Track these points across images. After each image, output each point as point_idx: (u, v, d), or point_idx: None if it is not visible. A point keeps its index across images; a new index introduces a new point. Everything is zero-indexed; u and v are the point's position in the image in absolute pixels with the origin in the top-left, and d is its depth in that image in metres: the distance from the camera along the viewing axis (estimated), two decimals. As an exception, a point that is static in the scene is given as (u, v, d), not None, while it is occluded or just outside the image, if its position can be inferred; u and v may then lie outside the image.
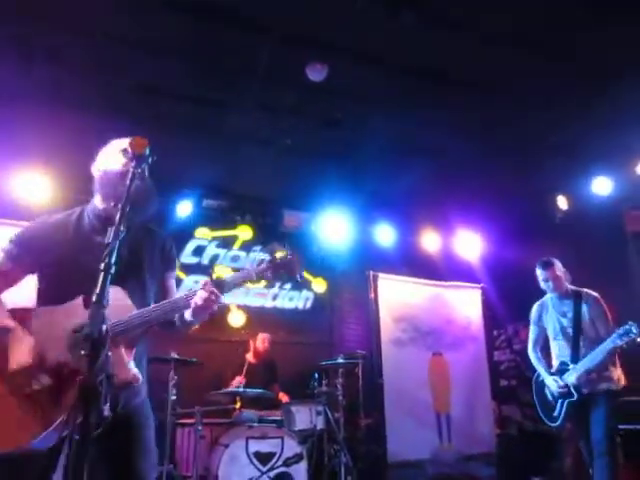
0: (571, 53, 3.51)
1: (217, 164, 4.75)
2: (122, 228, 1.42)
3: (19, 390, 1.53)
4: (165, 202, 4.94)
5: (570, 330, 3.43)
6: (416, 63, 3.72)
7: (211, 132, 4.51)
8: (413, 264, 6.04)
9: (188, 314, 1.71)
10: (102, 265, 1.30)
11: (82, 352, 1.20)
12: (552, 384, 3.41)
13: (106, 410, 1.34)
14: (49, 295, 1.68)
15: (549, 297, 3.57)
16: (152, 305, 1.67)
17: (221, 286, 1.66)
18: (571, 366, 3.33)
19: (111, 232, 1.39)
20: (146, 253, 1.83)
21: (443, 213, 5.87)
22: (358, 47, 3.56)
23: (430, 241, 6.12)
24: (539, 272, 3.55)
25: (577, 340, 3.40)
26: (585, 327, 3.40)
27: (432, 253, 6.14)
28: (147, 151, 1.60)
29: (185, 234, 5.38)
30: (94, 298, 1.23)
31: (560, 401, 3.38)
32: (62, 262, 1.68)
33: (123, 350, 1.59)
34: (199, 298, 1.61)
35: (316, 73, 3.76)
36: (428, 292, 6.04)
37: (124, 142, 1.83)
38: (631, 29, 3.28)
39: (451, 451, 5.32)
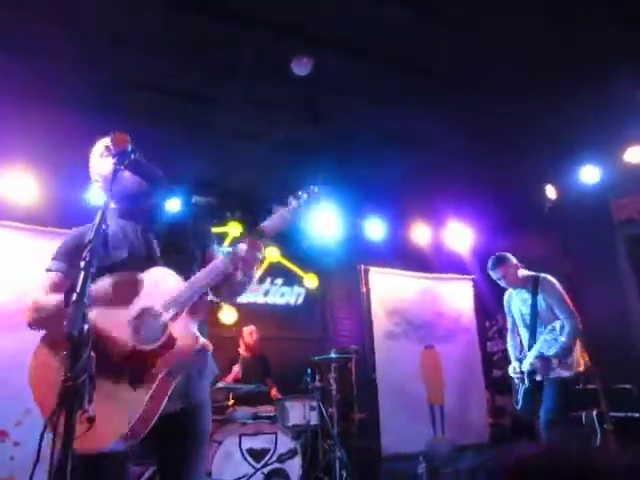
0: (555, 41, 3.50)
1: (206, 160, 4.71)
2: (103, 226, 1.41)
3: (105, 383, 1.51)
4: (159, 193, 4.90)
5: (528, 317, 3.52)
6: (401, 56, 3.70)
7: (199, 128, 4.46)
8: (404, 257, 6.04)
9: (239, 273, 1.70)
10: (82, 264, 1.28)
11: (63, 352, 1.18)
12: (510, 370, 3.56)
13: (91, 410, 1.35)
14: (97, 297, 1.64)
15: None
16: (197, 274, 1.67)
17: (260, 235, 1.69)
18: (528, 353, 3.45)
19: (92, 231, 1.38)
20: (179, 240, 1.83)
21: (433, 205, 5.88)
22: (345, 40, 3.54)
23: (420, 234, 6.12)
24: (490, 273, 3.65)
25: (534, 327, 3.47)
26: (542, 314, 3.46)
27: (423, 246, 6.15)
28: (129, 147, 1.59)
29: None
30: (74, 297, 1.20)
31: (519, 387, 3.50)
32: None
33: (186, 321, 1.60)
34: (241, 251, 1.64)
35: (301, 67, 3.73)
36: (419, 285, 6.05)
37: (105, 141, 1.82)
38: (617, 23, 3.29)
39: (445, 442, 5.35)
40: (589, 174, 5.01)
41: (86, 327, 1.19)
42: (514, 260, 3.66)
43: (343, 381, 4.68)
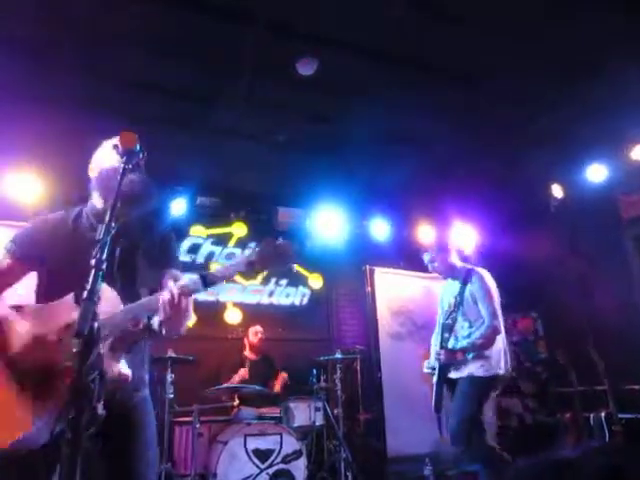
0: (558, 37, 3.48)
1: (210, 161, 4.72)
2: (113, 224, 1.41)
3: (8, 384, 1.51)
4: (159, 200, 4.91)
5: (452, 311, 3.36)
6: (404, 55, 3.69)
7: (203, 129, 4.47)
8: (409, 257, 6.02)
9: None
10: (93, 261, 1.28)
11: (74, 350, 1.17)
12: (425, 364, 3.43)
13: (100, 408, 1.33)
14: (47, 293, 1.68)
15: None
16: (122, 308, 1.57)
17: (206, 281, 1.55)
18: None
19: (102, 228, 1.37)
20: (141, 251, 1.79)
21: (437, 205, 5.86)
22: (349, 39, 3.53)
23: (425, 234, 6.10)
24: (424, 256, 3.55)
25: (455, 320, 3.31)
26: (466, 308, 3.28)
27: (427, 246, 6.11)
28: (137, 146, 1.58)
29: (180, 232, 5.34)
30: (85, 295, 1.20)
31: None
32: (60, 260, 1.68)
33: (112, 345, 1.55)
34: (162, 298, 1.50)
35: (306, 67, 3.73)
36: (423, 285, 6.02)
37: (113, 140, 1.82)
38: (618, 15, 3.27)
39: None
40: (596, 172, 4.97)
41: (96, 325, 1.19)
42: (453, 249, 3.52)
43: (348, 382, 4.66)
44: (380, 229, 5.85)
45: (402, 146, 4.81)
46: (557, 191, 5.28)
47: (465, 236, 6.19)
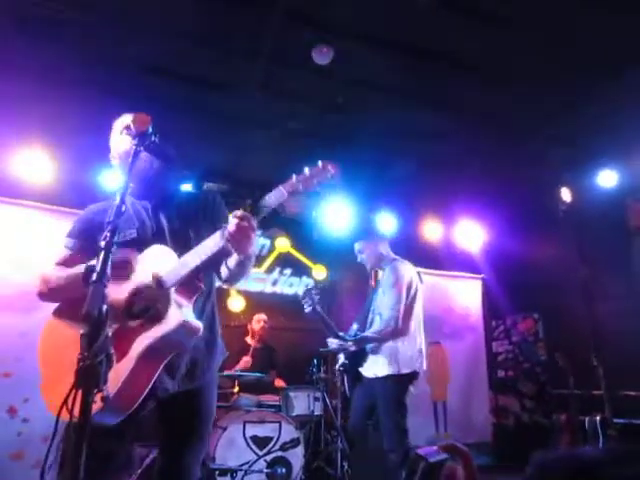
0: (573, 39, 3.44)
1: (218, 147, 4.72)
2: (123, 206, 1.42)
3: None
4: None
5: (367, 304, 3.25)
6: (419, 46, 3.65)
7: (212, 114, 4.45)
8: (413, 252, 6.00)
9: (234, 252, 1.65)
10: (102, 243, 1.28)
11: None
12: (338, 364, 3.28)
13: (105, 390, 1.36)
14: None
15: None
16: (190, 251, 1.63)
17: (255, 210, 1.63)
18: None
19: (112, 210, 1.38)
20: (195, 216, 1.84)
21: (445, 202, 5.84)
22: (365, 30, 3.50)
23: (431, 230, 6.09)
24: (355, 245, 3.40)
25: (367, 314, 3.19)
26: (377, 301, 3.15)
27: (433, 242, 6.11)
28: (150, 128, 1.59)
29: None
30: (94, 276, 1.21)
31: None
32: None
33: (176, 298, 1.58)
34: (231, 225, 1.56)
35: (322, 56, 3.70)
36: (428, 281, 5.99)
37: (124, 120, 1.84)
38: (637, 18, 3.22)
39: (447, 440, 5.35)
40: (606, 178, 4.94)
41: (105, 307, 1.20)
42: (381, 239, 3.39)
43: (348, 373, 4.67)
44: (386, 223, 5.84)
45: (414, 140, 4.79)
46: (566, 195, 5.25)
47: (472, 234, 6.18)
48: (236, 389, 4.35)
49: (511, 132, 4.57)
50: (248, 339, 4.95)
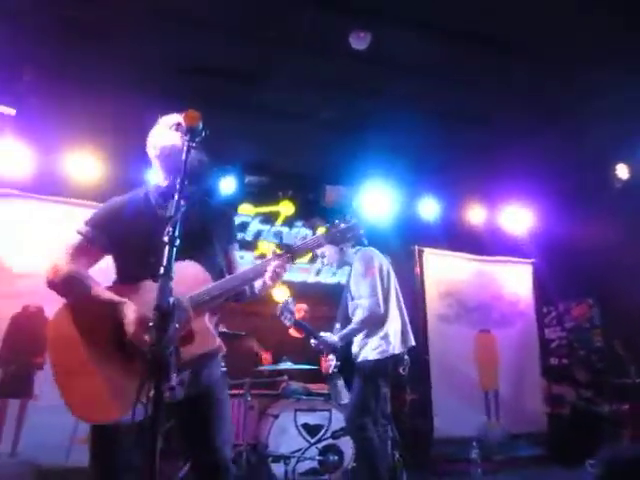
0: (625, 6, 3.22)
1: (258, 139, 4.72)
2: (182, 201, 1.43)
3: (123, 361, 1.56)
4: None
5: (343, 302, 3.27)
6: (461, 27, 3.52)
7: (251, 108, 4.47)
8: (458, 238, 5.88)
9: (259, 284, 1.77)
10: (166, 238, 1.30)
11: (150, 324, 1.20)
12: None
13: (174, 380, 1.38)
14: (125, 273, 1.73)
15: None
16: (227, 276, 1.73)
17: (292, 253, 1.70)
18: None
19: (172, 205, 1.39)
20: (212, 226, 1.85)
21: (490, 184, 5.67)
22: (400, 12, 3.40)
23: (475, 215, 5.92)
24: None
25: (346, 312, 3.21)
26: (353, 294, 3.17)
27: (478, 227, 5.94)
28: (200, 124, 1.60)
29: (228, 210, 5.41)
30: (162, 271, 1.23)
31: None
32: (134, 240, 1.71)
33: (207, 320, 1.63)
34: (274, 267, 1.65)
35: (359, 41, 3.63)
36: (475, 267, 5.87)
37: (173, 118, 1.84)
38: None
39: (499, 429, 5.25)
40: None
41: (172, 300, 1.21)
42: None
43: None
44: (429, 209, 5.72)
45: (456, 122, 4.65)
46: (623, 171, 4.97)
47: (519, 217, 5.97)
48: (284, 377, 4.39)
49: (560, 108, 4.36)
50: (291, 330, 4.97)
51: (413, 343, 3.22)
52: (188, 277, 1.61)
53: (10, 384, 3.70)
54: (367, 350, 3.08)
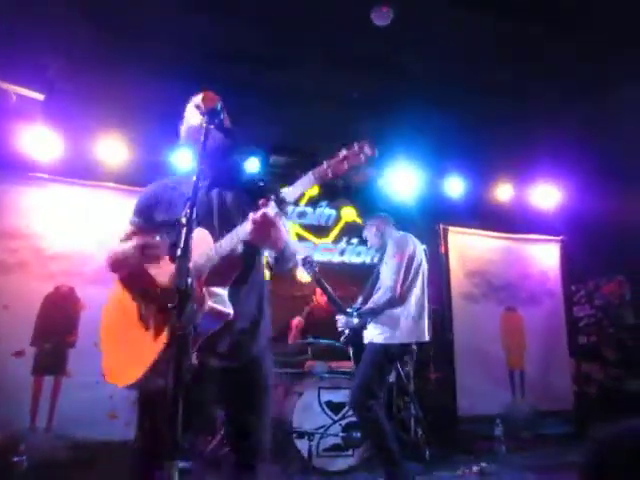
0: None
1: (283, 120, 4.71)
2: (200, 182, 1.45)
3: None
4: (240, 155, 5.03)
5: (373, 278, 3.38)
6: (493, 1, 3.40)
7: (275, 88, 4.45)
8: (485, 216, 5.77)
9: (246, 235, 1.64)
10: (183, 219, 1.33)
11: (169, 305, 1.24)
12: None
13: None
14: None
15: None
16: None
17: (279, 204, 1.58)
18: None
19: (190, 187, 1.42)
20: (241, 203, 1.83)
21: (517, 161, 5.51)
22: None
23: (503, 192, 5.79)
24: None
25: (373, 286, 3.28)
26: (382, 274, 3.24)
27: (505, 204, 5.81)
28: (219, 105, 1.60)
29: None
30: (179, 252, 1.26)
31: None
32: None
33: (206, 282, 1.62)
34: (248, 225, 1.57)
35: (382, 17, 3.56)
36: (501, 245, 5.78)
37: (197, 98, 1.85)
38: None
39: (524, 407, 5.22)
40: None
41: (190, 280, 1.25)
42: (383, 219, 3.51)
43: (420, 341, 4.65)
44: (455, 187, 5.62)
45: (480, 99, 4.52)
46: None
47: (547, 194, 5.82)
48: (309, 356, 4.46)
49: (593, 79, 4.18)
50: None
51: (426, 338, 3.25)
52: (195, 245, 1.61)
53: (45, 362, 3.88)
54: (374, 332, 3.15)
